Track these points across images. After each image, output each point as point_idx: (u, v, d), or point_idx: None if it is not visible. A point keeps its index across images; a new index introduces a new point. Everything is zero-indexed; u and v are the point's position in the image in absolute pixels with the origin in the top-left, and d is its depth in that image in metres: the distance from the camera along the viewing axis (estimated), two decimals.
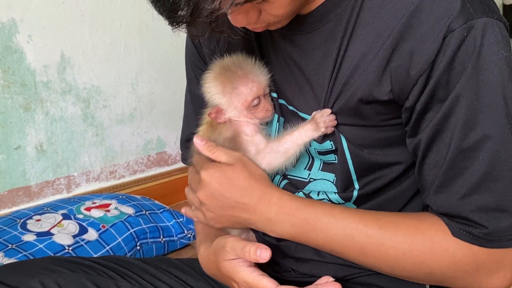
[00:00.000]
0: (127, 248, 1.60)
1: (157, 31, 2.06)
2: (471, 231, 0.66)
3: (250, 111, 0.78)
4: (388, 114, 0.71)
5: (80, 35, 1.86)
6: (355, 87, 0.70)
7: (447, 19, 0.62)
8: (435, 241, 0.68)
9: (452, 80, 0.63)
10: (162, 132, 2.19)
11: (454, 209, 0.66)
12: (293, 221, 0.73)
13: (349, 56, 0.70)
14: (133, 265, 0.90)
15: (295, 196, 0.75)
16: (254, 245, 0.70)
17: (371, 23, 0.68)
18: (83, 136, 1.93)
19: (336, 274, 0.79)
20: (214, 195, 0.75)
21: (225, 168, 0.75)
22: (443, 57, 0.63)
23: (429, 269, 0.69)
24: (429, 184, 0.69)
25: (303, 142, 0.75)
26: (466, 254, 0.66)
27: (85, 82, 1.90)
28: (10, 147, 1.75)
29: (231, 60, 0.78)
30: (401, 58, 0.65)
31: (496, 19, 0.63)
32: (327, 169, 0.77)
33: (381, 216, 0.72)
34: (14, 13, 1.69)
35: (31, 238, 1.48)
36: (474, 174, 0.64)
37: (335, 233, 0.71)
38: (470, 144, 0.64)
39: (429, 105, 0.66)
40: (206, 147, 0.77)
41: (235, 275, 0.72)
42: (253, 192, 0.74)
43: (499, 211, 0.64)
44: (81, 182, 1.95)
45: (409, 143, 0.70)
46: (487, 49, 0.62)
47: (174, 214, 1.78)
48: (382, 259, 0.70)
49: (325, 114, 0.72)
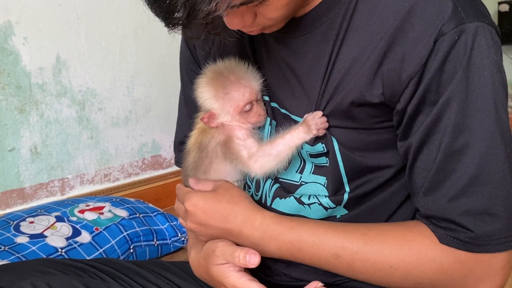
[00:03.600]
0: (120, 251, 1.59)
1: (153, 34, 2.06)
2: (457, 236, 0.66)
3: (242, 116, 0.78)
4: (379, 117, 0.71)
5: (76, 37, 1.86)
6: (347, 90, 0.70)
7: (438, 23, 0.63)
8: (421, 251, 0.68)
9: (443, 84, 0.64)
10: (157, 135, 2.19)
11: (442, 212, 0.66)
12: (278, 244, 0.74)
13: (342, 59, 0.70)
14: (126, 268, 0.90)
15: (278, 218, 0.75)
16: (244, 250, 0.71)
17: (363, 27, 0.68)
18: (78, 139, 1.93)
19: (327, 279, 0.79)
20: (201, 224, 0.78)
21: (207, 195, 0.78)
22: (434, 60, 0.63)
23: (417, 279, 0.69)
24: (418, 187, 0.69)
25: (295, 144, 0.75)
26: (453, 261, 0.66)
27: (81, 84, 1.90)
28: (4, 149, 1.74)
29: (223, 65, 0.78)
30: (393, 62, 0.66)
31: (487, 24, 0.64)
32: (319, 172, 0.78)
33: (367, 230, 0.72)
34: (10, 15, 1.70)
35: (24, 240, 1.48)
36: (462, 177, 0.64)
37: (321, 253, 0.72)
38: (458, 147, 0.64)
39: (420, 108, 0.66)
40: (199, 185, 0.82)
41: (224, 279, 0.72)
42: (236, 217, 0.75)
43: (487, 214, 0.64)
44: (75, 184, 1.95)
45: (400, 146, 0.71)
46: (477, 53, 0.63)
47: (168, 217, 1.78)
48: (370, 273, 0.71)
49: (317, 117, 0.73)
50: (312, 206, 0.77)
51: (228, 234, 0.76)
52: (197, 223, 0.78)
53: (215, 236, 0.78)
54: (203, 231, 0.79)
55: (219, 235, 0.77)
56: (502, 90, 0.65)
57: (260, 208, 0.77)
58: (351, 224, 0.74)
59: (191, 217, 0.79)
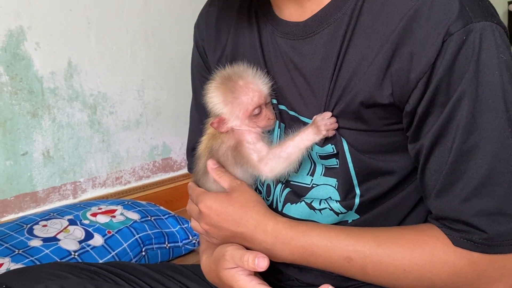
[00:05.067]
0: (132, 254, 1.60)
1: (162, 38, 2.07)
2: (471, 238, 0.65)
3: (252, 120, 0.78)
4: (389, 119, 0.71)
5: (87, 42, 1.88)
6: (355, 91, 0.70)
7: (445, 23, 0.63)
8: (434, 254, 0.67)
9: (452, 84, 0.64)
10: (168, 138, 2.20)
11: (455, 213, 0.66)
12: (290, 249, 0.73)
13: (349, 59, 0.70)
14: (139, 271, 0.91)
15: (290, 223, 0.75)
16: (253, 254, 0.71)
17: (371, 27, 0.68)
18: (90, 142, 1.94)
19: (339, 284, 0.79)
20: (215, 226, 0.79)
21: (221, 198, 0.78)
22: (442, 60, 0.63)
23: (431, 282, 0.69)
24: (430, 189, 0.69)
25: (305, 146, 0.75)
26: (467, 263, 0.66)
27: (92, 88, 1.92)
28: (17, 153, 1.76)
29: (232, 70, 0.79)
30: (401, 62, 0.66)
31: (495, 24, 0.64)
32: (329, 174, 0.78)
33: (380, 233, 0.72)
34: (22, 21, 1.72)
35: (38, 243, 1.49)
36: (474, 178, 0.64)
37: (333, 256, 0.72)
38: (470, 147, 0.64)
39: (430, 109, 0.66)
40: (216, 170, 0.81)
41: (234, 283, 0.73)
42: (248, 222, 0.75)
43: (500, 214, 0.64)
44: (87, 188, 1.96)
45: (411, 148, 0.71)
46: (486, 52, 0.62)
47: (179, 220, 1.79)
48: (383, 276, 0.70)
49: (326, 117, 0.73)
50: (323, 211, 0.77)
51: (240, 238, 0.77)
52: (211, 225, 0.79)
53: (228, 238, 0.78)
54: (216, 233, 0.79)
55: (231, 238, 0.78)
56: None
57: (273, 213, 0.77)
58: (363, 228, 0.74)
59: (205, 219, 0.79)
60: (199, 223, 0.82)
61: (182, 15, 2.11)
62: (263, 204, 0.78)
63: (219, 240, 0.80)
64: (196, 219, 0.83)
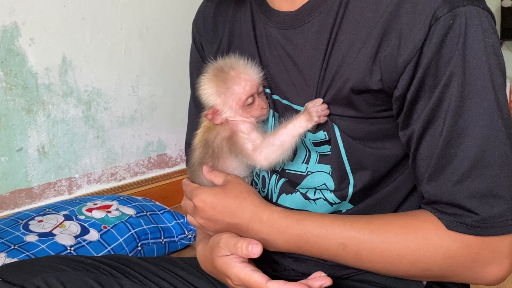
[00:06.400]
0: (128, 249, 1.61)
1: (157, 34, 2.08)
2: (463, 220, 0.66)
3: (245, 110, 0.79)
4: (379, 106, 0.72)
5: (81, 38, 1.88)
6: (345, 77, 0.71)
7: (432, 7, 0.63)
8: (428, 238, 0.68)
9: (440, 68, 0.64)
10: (163, 134, 2.20)
11: (447, 196, 0.67)
12: (286, 238, 0.74)
13: (339, 46, 0.71)
14: (136, 264, 0.91)
15: (285, 212, 0.76)
16: (246, 241, 0.72)
17: (359, 13, 0.69)
18: (85, 138, 1.94)
19: (334, 273, 0.80)
20: (210, 220, 0.79)
21: (216, 191, 0.79)
22: (430, 45, 0.64)
23: (425, 266, 0.69)
24: (422, 174, 0.69)
25: (298, 133, 0.76)
26: (460, 246, 0.67)
27: (86, 84, 1.92)
28: (12, 149, 1.76)
29: (223, 62, 0.80)
30: (389, 47, 0.67)
31: (482, 8, 0.64)
32: (323, 161, 0.78)
33: (373, 219, 0.72)
34: (16, 17, 1.71)
35: (34, 238, 1.50)
36: (465, 161, 0.65)
37: (328, 244, 0.72)
38: (459, 131, 0.65)
39: (419, 94, 0.67)
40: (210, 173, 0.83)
41: (228, 270, 0.74)
42: (244, 212, 0.76)
43: (492, 196, 0.64)
44: (82, 183, 1.96)
45: (402, 135, 0.71)
46: (472, 36, 0.63)
47: (175, 215, 1.79)
48: (377, 261, 0.71)
49: (317, 104, 0.73)
50: (318, 201, 0.78)
51: (236, 229, 0.77)
52: (206, 218, 0.80)
53: (223, 231, 0.79)
54: (212, 226, 0.80)
55: (227, 230, 0.78)
56: (500, 74, 0.65)
57: (268, 203, 0.77)
58: (357, 215, 0.75)
59: (200, 213, 0.80)
60: (194, 217, 0.83)
61: (177, 11, 2.11)
62: (257, 195, 0.79)
63: (215, 234, 0.81)
64: (191, 214, 0.84)
